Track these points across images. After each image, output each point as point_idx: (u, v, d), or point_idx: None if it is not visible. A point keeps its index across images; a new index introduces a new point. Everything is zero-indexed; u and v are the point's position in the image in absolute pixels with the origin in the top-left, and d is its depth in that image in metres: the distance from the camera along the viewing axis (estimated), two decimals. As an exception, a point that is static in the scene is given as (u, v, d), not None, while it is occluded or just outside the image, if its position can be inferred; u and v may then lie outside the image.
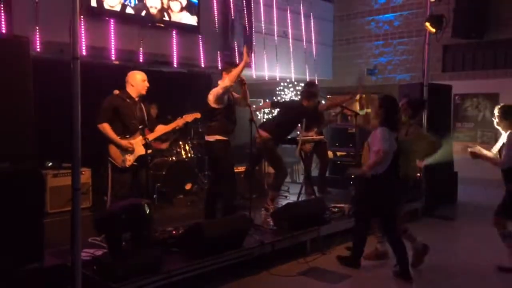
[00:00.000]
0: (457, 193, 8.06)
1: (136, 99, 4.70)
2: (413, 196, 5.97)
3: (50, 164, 6.02)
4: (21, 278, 3.29)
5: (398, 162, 4.33)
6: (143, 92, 4.71)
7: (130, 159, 4.61)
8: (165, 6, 7.20)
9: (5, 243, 3.31)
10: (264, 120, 9.16)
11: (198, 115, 5.06)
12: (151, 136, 4.76)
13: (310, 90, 6.20)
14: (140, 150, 4.66)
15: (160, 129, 4.87)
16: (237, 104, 5.27)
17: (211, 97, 5.00)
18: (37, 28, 5.61)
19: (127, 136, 4.63)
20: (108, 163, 4.64)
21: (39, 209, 3.68)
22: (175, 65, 7.50)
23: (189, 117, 4.96)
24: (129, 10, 6.74)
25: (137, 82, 4.67)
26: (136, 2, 6.82)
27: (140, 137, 4.65)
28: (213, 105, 4.99)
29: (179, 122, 4.89)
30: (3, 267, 3.30)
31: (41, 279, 3.41)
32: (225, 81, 4.91)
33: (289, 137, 6.44)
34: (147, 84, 4.72)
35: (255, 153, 5.90)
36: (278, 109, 6.71)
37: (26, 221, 3.45)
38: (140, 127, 4.62)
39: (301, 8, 10.34)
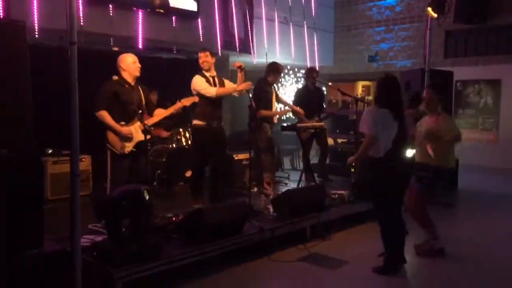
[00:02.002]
0: (458, 180, 8.06)
1: (133, 83, 4.65)
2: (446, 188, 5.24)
3: (50, 151, 6.01)
4: (21, 263, 3.31)
5: (402, 146, 4.11)
6: (137, 73, 4.63)
7: (129, 145, 4.58)
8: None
9: (5, 229, 3.31)
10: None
11: (196, 99, 5.09)
12: (150, 121, 4.71)
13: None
14: (139, 136, 4.64)
15: (159, 114, 4.84)
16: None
17: (195, 87, 5.24)
18: (36, 13, 5.57)
19: (126, 122, 4.60)
20: (107, 149, 4.62)
21: (38, 195, 3.67)
22: (174, 52, 7.46)
23: (187, 101, 4.95)
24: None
25: (129, 65, 4.60)
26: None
27: (139, 123, 4.62)
28: (195, 91, 5.24)
29: (176, 106, 4.88)
30: (3, 252, 3.31)
31: (41, 264, 3.42)
32: (211, 90, 5.17)
33: (288, 124, 6.46)
34: (138, 65, 4.64)
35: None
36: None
37: (26, 207, 3.45)
38: (138, 112, 4.58)
39: (302, -6, 10.26)
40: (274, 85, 6.57)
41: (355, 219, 5.69)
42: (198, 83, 5.23)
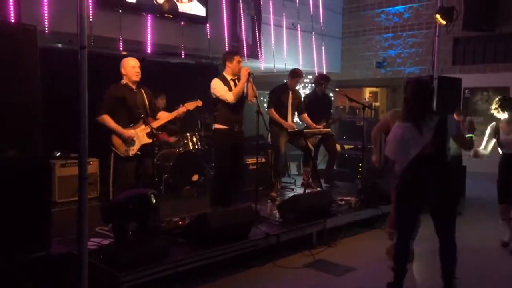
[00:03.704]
0: (465, 188, 8.00)
1: (134, 87, 4.66)
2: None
3: (59, 154, 6.05)
4: (28, 265, 3.32)
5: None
6: (134, 78, 4.61)
7: (133, 148, 4.60)
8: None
9: (12, 231, 3.33)
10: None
11: (199, 103, 5.07)
12: (155, 124, 4.72)
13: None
14: (144, 139, 4.65)
15: (164, 117, 4.85)
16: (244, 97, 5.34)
17: (213, 91, 5.19)
18: (46, 17, 5.63)
19: (131, 125, 4.62)
20: (111, 152, 4.63)
21: (46, 197, 3.69)
22: (182, 56, 7.49)
23: (190, 105, 4.95)
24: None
25: (128, 69, 4.60)
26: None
27: (143, 126, 4.64)
28: (214, 96, 5.21)
29: (180, 110, 4.89)
30: (10, 254, 3.33)
31: (48, 267, 3.43)
32: (228, 96, 5.11)
33: (296, 129, 6.47)
34: (137, 70, 4.61)
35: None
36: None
37: (33, 209, 3.46)
38: (142, 115, 4.60)
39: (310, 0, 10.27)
40: (294, 92, 6.62)
41: (362, 225, 5.67)
42: (217, 87, 5.16)
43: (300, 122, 7.35)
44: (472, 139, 4.13)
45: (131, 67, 4.61)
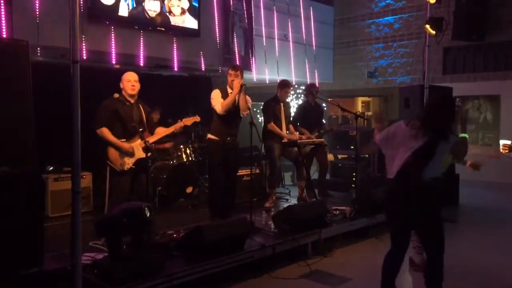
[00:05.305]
0: (459, 195, 8.04)
1: (132, 101, 4.68)
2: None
3: (51, 168, 6.01)
4: (21, 282, 3.29)
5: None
6: (130, 92, 4.64)
7: (129, 162, 4.59)
8: (166, 9, 7.22)
9: (5, 247, 3.30)
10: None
11: (197, 119, 5.09)
12: (151, 139, 4.72)
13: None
14: (139, 154, 4.65)
15: (160, 132, 4.86)
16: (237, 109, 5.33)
17: (211, 100, 5.30)
18: (38, 32, 5.62)
19: (127, 139, 4.62)
20: (107, 166, 4.62)
21: (39, 213, 3.67)
22: (175, 69, 7.51)
23: (188, 121, 4.97)
24: (126, 13, 6.75)
25: (124, 83, 4.65)
26: (135, 5, 6.82)
27: (139, 141, 4.64)
28: (212, 106, 5.30)
29: (177, 125, 4.90)
30: (3, 271, 3.29)
31: (41, 283, 3.40)
32: (217, 107, 5.21)
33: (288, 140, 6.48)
34: (132, 84, 4.63)
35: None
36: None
37: (26, 225, 3.44)
38: (138, 130, 4.61)
39: (301, 11, 10.36)
40: (285, 104, 6.65)
41: (357, 235, 5.67)
42: (214, 97, 5.26)
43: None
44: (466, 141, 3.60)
45: (126, 81, 4.65)
